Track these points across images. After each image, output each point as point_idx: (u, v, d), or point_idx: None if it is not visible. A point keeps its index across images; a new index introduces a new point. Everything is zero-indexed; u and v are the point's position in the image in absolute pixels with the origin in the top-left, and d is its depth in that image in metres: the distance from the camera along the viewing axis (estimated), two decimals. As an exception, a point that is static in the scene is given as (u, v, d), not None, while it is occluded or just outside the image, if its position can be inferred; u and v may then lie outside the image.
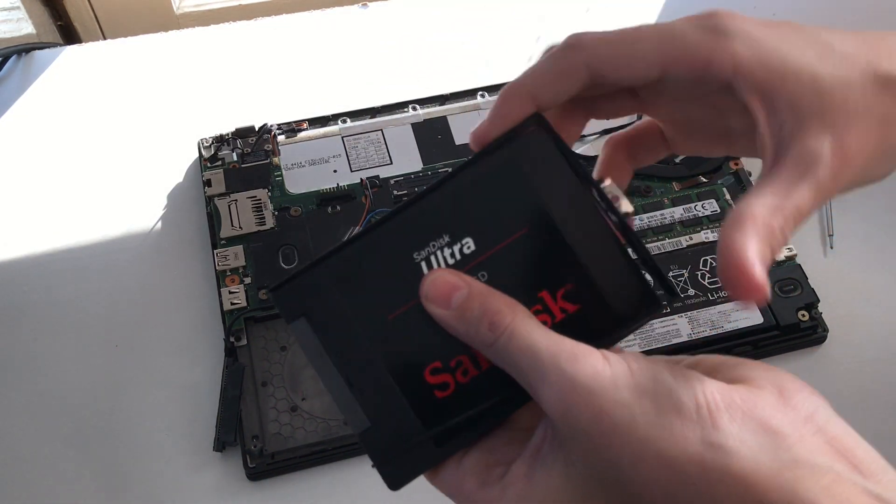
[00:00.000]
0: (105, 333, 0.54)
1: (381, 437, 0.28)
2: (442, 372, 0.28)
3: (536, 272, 0.28)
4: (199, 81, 0.67)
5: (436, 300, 0.27)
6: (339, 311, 0.28)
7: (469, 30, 0.70)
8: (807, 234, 0.58)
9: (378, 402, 0.28)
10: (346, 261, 0.29)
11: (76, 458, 0.50)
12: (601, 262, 0.28)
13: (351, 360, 0.28)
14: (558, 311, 0.28)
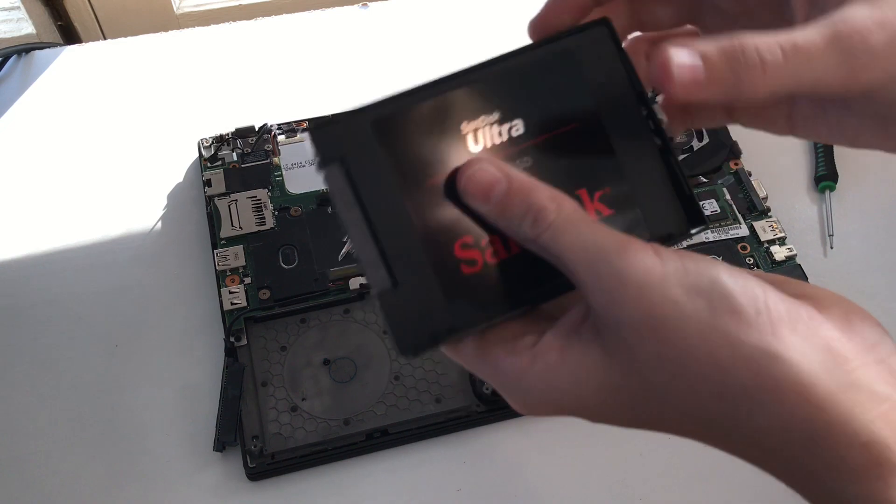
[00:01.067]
0: (105, 333, 0.54)
1: (400, 300, 0.27)
2: (472, 248, 0.27)
3: (578, 169, 0.28)
4: (199, 81, 0.67)
5: (475, 195, 0.26)
6: (376, 164, 0.27)
7: (469, 30, 0.70)
8: (807, 234, 0.58)
9: (402, 265, 0.27)
10: (392, 114, 0.28)
11: (76, 457, 0.50)
12: (642, 174, 0.28)
13: (381, 216, 0.27)
14: (592, 212, 0.28)
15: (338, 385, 0.50)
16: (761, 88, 0.24)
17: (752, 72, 0.24)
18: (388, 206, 0.27)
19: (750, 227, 0.56)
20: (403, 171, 0.27)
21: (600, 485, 0.49)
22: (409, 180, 0.27)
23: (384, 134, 0.27)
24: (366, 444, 0.49)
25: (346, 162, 0.27)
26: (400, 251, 0.27)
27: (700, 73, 0.24)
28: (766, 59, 0.24)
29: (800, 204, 0.60)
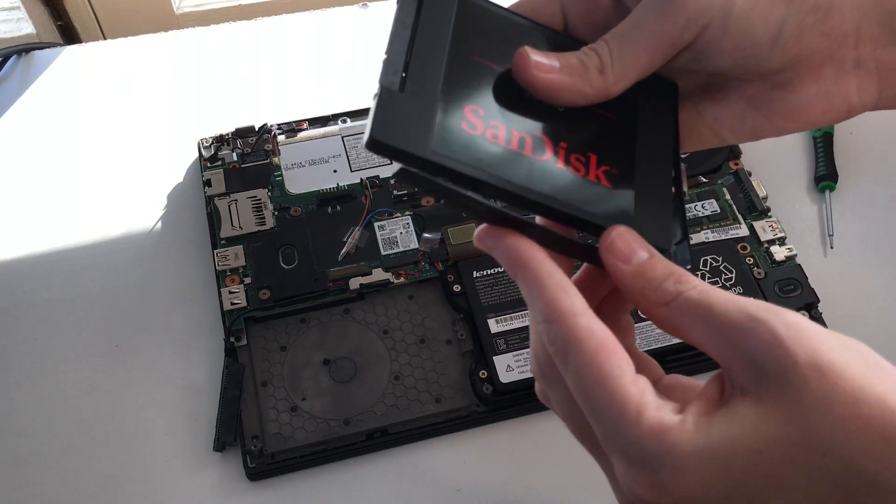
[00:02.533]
0: (105, 333, 0.54)
1: (395, 101, 0.28)
2: (479, 118, 0.29)
3: (600, 141, 0.30)
4: (199, 81, 0.67)
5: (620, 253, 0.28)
6: (446, 18, 0.30)
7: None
8: (807, 234, 0.58)
9: (418, 81, 0.28)
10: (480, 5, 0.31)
11: (76, 457, 0.50)
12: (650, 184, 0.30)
13: (425, 43, 0.29)
14: (593, 175, 0.30)
15: (338, 385, 0.50)
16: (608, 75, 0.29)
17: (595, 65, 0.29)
18: (434, 45, 0.29)
19: (750, 227, 0.56)
20: (463, 38, 0.30)
21: (600, 485, 0.49)
22: (462, 45, 0.29)
23: (465, 12, 0.30)
24: (366, 444, 0.49)
25: (422, 5, 0.29)
26: (422, 74, 0.28)
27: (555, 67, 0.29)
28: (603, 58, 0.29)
29: (800, 204, 0.60)
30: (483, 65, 0.30)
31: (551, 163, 0.29)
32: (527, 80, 0.29)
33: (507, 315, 0.52)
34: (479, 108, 0.29)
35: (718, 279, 0.54)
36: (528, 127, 0.29)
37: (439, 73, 0.29)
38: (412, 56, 0.28)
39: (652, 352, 0.51)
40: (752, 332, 0.25)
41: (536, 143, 0.29)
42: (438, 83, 0.28)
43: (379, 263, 0.54)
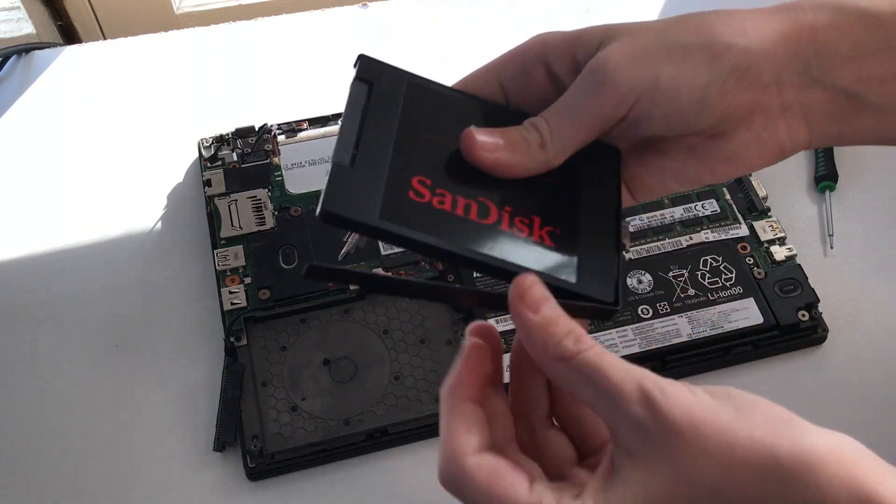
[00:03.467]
0: (105, 333, 0.54)
1: (347, 176, 0.30)
2: (426, 187, 0.31)
3: (542, 203, 0.32)
4: (199, 81, 0.67)
5: (529, 303, 0.29)
6: (394, 103, 0.32)
7: (469, 30, 0.70)
8: (807, 234, 0.58)
9: (367, 156, 0.30)
10: (425, 85, 0.33)
11: (76, 457, 0.50)
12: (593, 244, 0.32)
13: (374, 124, 0.31)
14: (536, 235, 0.31)
15: (338, 385, 0.50)
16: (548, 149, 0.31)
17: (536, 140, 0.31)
18: (382, 124, 0.31)
19: (750, 227, 0.56)
20: (412, 117, 0.32)
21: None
22: (411, 123, 0.32)
23: (413, 93, 0.33)
24: (366, 444, 0.49)
25: (373, 86, 0.32)
26: (371, 150, 0.31)
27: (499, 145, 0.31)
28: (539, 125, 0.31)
29: (800, 204, 0.60)
30: (431, 140, 0.32)
31: (496, 225, 0.31)
32: (474, 159, 0.31)
33: (507, 315, 0.52)
34: (426, 178, 0.31)
35: (718, 279, 0.54)
36: (473, 194, 0.31)
37: (388, 149, 0.31)
38: (362, 134, 0.31)
39: (652, 352, 0.51)
40: (638, 400, 0.27)
41: (481, 209, 0.31)
42: (387, 158, 0.31)
43: (379, 263, 0.54)
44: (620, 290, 0.32)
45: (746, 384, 0.52)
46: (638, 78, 0.30)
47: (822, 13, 0.31)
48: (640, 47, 0.31)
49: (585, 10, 0.71)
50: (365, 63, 0.33)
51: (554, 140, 0.31)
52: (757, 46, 0.31)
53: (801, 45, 0.31)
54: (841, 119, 0.32)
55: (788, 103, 0.32)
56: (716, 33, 0.31)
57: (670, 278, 0.54)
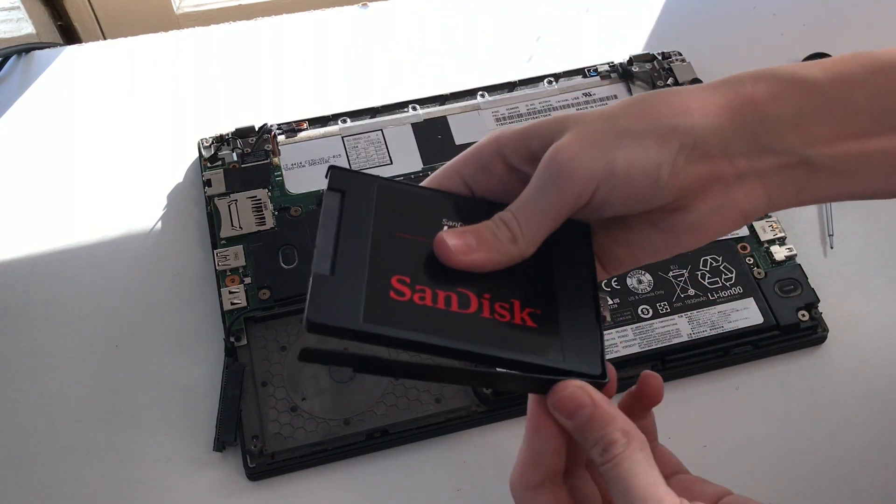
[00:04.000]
0: (105, 333, 0.54)
1: (328, 285, 0.31)
2: (406, 286, 0.32)
3: (520, 286, 0.33)
4: (199, 81, 0.67)
5: (563, 411, 0.31)
6: (367, 205, 0.33)
7: (469, 30, 0.70)
8: (807, 234, 0.58)
9: (345, 265, 0.31)
10: (394, 188, 0.34)
11: (76, 457, 0.50)
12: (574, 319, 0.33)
13: (349, 232, 0.32)
14: (518, 319, 0.32)
15: (338, 385, 0.50)
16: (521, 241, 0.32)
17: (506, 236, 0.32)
18: (357, 230, 0.32)
19: (750, 227, 0.56)
20: (384, 218, 0.33)
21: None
22: (384, 224, 0.33)
23: (383, 196, 0.34)
24: (366, 444, 0.49)
25: (345, 194, 0.33)
26: (350, 257, 0.32)
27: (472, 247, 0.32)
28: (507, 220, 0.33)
29: (800, 204, 0.60)
30: (405, 239, 0.33)
31: (477, 314, 0.32)
32: (451, 263, 0.32)
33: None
34: (405, 276, 0.32)
35: (718, 279, 0.54)
36: (451, 286, 0.32)
37: (365, 253, 0.32)
38: (339, 242, 0.32)
39: (652, 352, 0.51)
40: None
41: (462, 300, 0.32)
42: (365, 262, 0.32)
43: (379, 263, 0.54)
44: (605, 362, 0.32)
45: (746, 384, 0.52)
46: (593, 167, 0.32)
47: (760, 84, 0.33)
48: (591, 137, 0.32)
49: (585, 10, 0.71)
50: (335, 174, 0.34)
51: (524, 233, 0.32)
52: (701, 123, 0.32)
53: (744, 115, 0.33)
54: (796, 181, 0.33)
55: (742, 171, 0.33)
56: (661, 116, 0.32)
57: (670, 278, 0.54)
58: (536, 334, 0.32)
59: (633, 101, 0.33)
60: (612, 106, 0.33)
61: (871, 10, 0.71)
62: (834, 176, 0.33)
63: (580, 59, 0.66)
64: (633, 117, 0.32)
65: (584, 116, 0.33)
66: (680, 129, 0.32)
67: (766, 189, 0.33)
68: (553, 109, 0.63)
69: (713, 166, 0.33)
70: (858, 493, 0.49)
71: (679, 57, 0.65)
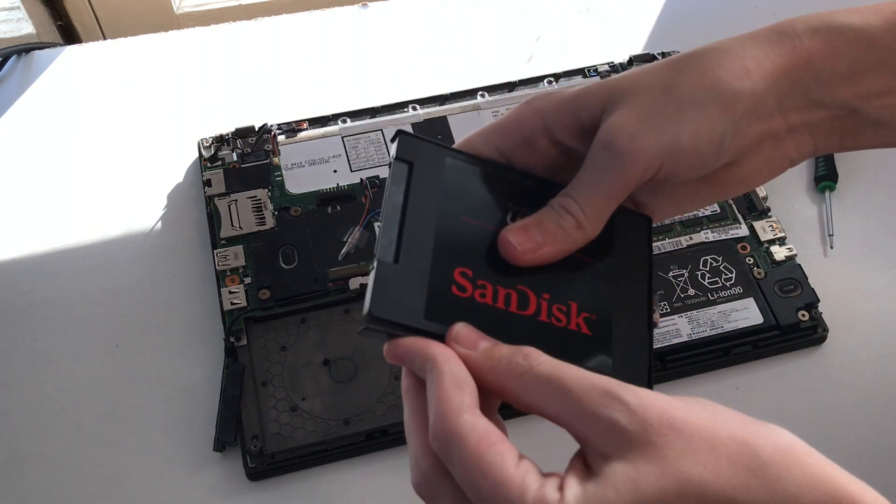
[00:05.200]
0: (105, 333, 0.54)
1: (391, 275, 0.30)
2: (467, 279, 0.31)
3: (582, 288, 0.33)
4: (199, 81, 0.67)
5: (465, 344, 0.30)
6: (434, 183, 0.32)
7: (469, 30, 0.70)
8: (807, 234, 0.58)
9: (410, 254, 0.30)
10: (464, 162, 0.33)
11: (76, 457, 0.50)
12: (627, 327, 0.33)
13: (415, 212, 0.31)
14: (574, 324, 0.32)
15: (338, 385, 0.50)
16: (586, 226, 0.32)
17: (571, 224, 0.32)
18: (424, 211, 0.31)
19: (750, 227, 0.56)
20: (451, 199, 0.32)
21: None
22: (450, 207, 0.32)
23: (451, 173, 0.32)
24: (366, 444, 0.49)
25: (413, 167, 0.32)
26: (414, 243, 0.31)
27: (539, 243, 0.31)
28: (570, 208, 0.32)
29: (800, 204, 0.60)
30: (470, 223, 0.32)
31: (535, 317, 0.31)
32: (520, 263, 0.31)
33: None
34: (467, 269, 0.31)
35: (718, 279, 0.54)
36: (512, 282, 0.32)
37: (430, 239, 0.31)
38: (405, 224, 0.31)
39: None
40: (608, 404, 0.27)
41: (521, 299, 0.31)
42: (429, 250, 0.31)
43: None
44: (651, 377, 0.33)
45: (746, 384, 0.52)
46: (657, 145, 0.31)
47: (817, 39, 0.32)
48: (651, 111, 0.31)
49: (585, 10, 0.71)
50: (404, 142, 0.32)
51: (588, 218, 0.32)
52: (761, 86, 0.32)
53: (800, 73, 0.32)
54: (842, 130, 0.34)
55: (793, 125, 0.33)
56: (721, 82, 0.31)
57: (670, 278, 0.54)
58: (590, 343, 0.32)
59: (686, 64, 0.32)
60: (663, 69, 0.32)
61: (871, 10, 0.71)
62: (880, 125, 0.33)
63: (580, 59, 0.66)
64: (693, 84, 0.31)
65: (636, 85, 0.32)
66: (742, 94, 0.31)
67: (814, 138, 0.34)
68: (553, 109, 0.63)
69: (768, 124, 0.33)
70: (858, 493, 0.49)
71: (679, 57, 0.65)
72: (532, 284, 0.32)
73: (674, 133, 0.31)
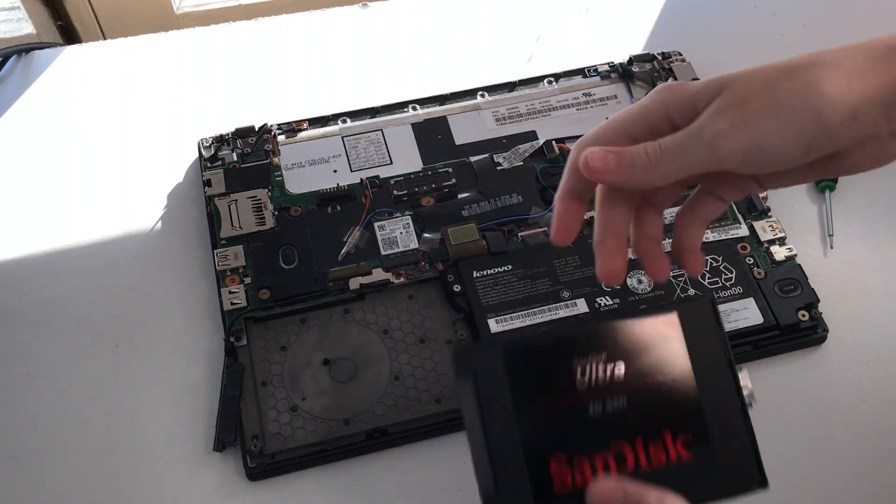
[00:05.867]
0: (105, 333, 0.54)
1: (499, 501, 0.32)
2: (564, 466, 0.32)
3: (667, 413, 0.33)
4: (199, 81, 0.67)
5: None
6: (500, 383, 0.33)
7: (469, 30, 0.70)
8: (807, 234, 0.58)
9: (506, 477, 0.32)
10: (519, 347, 0.34)
11: (76, 457, 0.50)
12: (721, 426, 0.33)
13: (496, 427, 0.32)
14: (674, 454, 0.33)
15: (338, 385, 0.50)
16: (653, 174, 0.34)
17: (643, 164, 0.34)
18: (502, 417, 0.32)
19: (750, 227, 0.56)
20: (521, 391, 0.33)
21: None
22: (523, 399, 0.33)
23: (511, 359, 0.33)
24: (366, 444, 0.49)
25: (476, 376, 0.33)
26: (506, 463, 0.32)
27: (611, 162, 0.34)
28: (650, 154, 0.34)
29: (800, 204, 0.60)
30: (547, 405, 0.33)
31: (637, 470, 0.32)
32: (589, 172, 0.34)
33: (507, 315, 0.52)
34: (561, 453, 0.32)
35: (718, 279, 0.54)
36: (605, 443, 0.33)
37: (518, 444, 0.32)
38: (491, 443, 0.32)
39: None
40: None
41: (618, 461, 0.32)
42: (521, 455, 0.32)
43: (379, 263, 0.54)
44: (761, 467, 0.33)
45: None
46: (743, 143, 0.33)
47: None
48: (746, 107, 0.33)
49: (585, 10, 0.71)
50: (461, 359, 0.33)
51: (658, 168, 0.34)
52: (861, 99, 0.33)
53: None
54: None
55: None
56: (822, 94, 0.33)
57: (670, 278, 0.54)
58: (694, 465, 0.33)
59: (795, 70, 0.34)
60: (773, 71, 0.34)
61: (871, 10, 0.71)
62: None
63: (580, 59, 0.66)
64: (793, 91, 0.33)
65: (743, 79, 0.34)
66: (840, 105, 0.33)
67: None
68: (553, 109, 0.63)
69: (871, 129, 0.34)
70: (858, 493, 0.49)
71: (679, 57, 0.65)
72: (624, 433, 0.33)
73: (762, 132, 0.33)
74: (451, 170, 0.59)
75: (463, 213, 0.57)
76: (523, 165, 0.59)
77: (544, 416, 0.32)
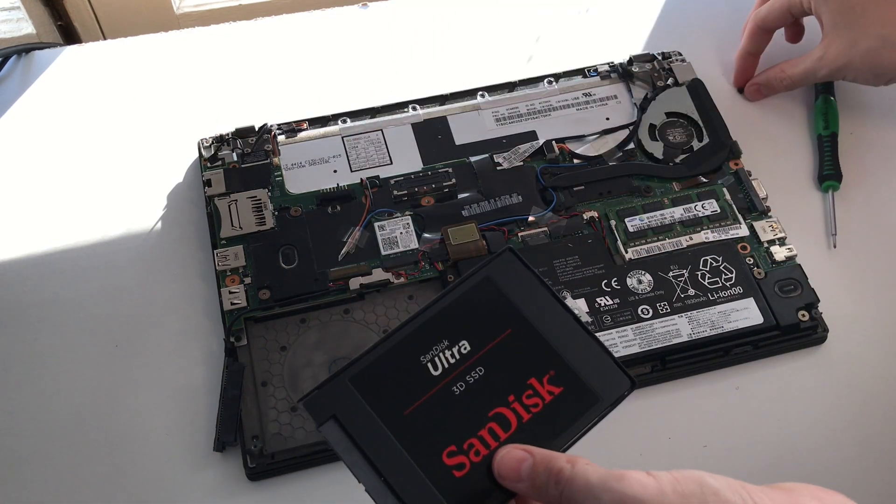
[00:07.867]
0: (105, 333, 0.54)
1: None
2: (457, 454, 0.33)
3: (524, 364, 0.34)
4: (199, 81, 0.67)
5: (509, 476, 0.32)
6: (362, 411, 0.33)
7: (469, 30, 0.70)
8: (808, 234, 0.58)
9: (407, 489, 0.32)
10: (363, 370, 0.34)
11: (76, 458, 0.50)
12: (574, 351, 0.35)
13: (378, 452, 0.33)
14: (546, 394, 0.34)
15: (338, 385, 0.50)
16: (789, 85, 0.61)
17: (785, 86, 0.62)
18: (381, 443, 0.33)
19: (750, 227, 0.56)
20: (384, 410, 0.33)
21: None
22: (390, 416, 0.33)
23: (362, 385, 0.34)
24: (366, 444, 0.49)
25: (337, 418, 0.33)
26: (401, 478, 0.32)
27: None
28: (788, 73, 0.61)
29: (800, 204, 0.60)
30: (413, 407, 0.33)
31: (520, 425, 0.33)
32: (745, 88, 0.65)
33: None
34: (449, 446, 0.33)
35: (718, 279, 0.54)
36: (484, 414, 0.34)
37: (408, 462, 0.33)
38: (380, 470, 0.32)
39: (652, 352, 0.51)
40: None
41: (502, 423, 0.33)
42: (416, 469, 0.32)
43: (379, 263, 0.54)
44: (624, 369, 0.34)
45: (746, 384, 0.52)
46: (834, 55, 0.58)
47: None
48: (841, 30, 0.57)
49: (585, 10, 0.71)
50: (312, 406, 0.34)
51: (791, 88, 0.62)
52: None
53: None
54: None
55: None
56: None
57: (670, 278, 0.54)
58: (570, 396, 0.34)
59: None
60: None
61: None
62: None
63: (580, 59, 0.66)
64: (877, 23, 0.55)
65: None
66: None
67: None
68: (553, 109, 0.63)
69: None
70: (858, 493, 0.49)
71: (679, 57, 0.65)
72: (497, 399, 0.34)
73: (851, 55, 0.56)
74: (451, 170, 0.59)
75: (463, 213, 0.57)
76: (523, 165, 0.59)
77: (417, 421, 0.33)
